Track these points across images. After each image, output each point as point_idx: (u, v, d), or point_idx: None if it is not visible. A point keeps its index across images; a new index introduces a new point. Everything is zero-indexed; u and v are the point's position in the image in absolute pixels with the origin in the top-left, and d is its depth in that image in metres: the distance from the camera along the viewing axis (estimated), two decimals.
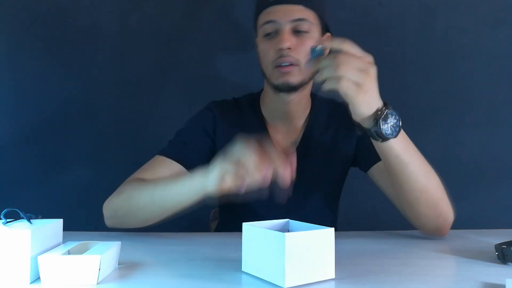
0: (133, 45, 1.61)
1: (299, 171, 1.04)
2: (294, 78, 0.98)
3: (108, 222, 0.94)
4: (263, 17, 0.99)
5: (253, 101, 1.12)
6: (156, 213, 0.88)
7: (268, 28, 0.98)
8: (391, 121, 0.79)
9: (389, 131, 0.79)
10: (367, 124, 0.80)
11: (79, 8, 1.59)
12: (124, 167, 1.61)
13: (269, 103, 1.08)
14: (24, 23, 1.58)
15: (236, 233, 0.68)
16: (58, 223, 0.66)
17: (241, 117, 1.09)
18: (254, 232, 0.62)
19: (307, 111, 1.09)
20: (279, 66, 0.97)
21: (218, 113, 1.08)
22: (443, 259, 0.74)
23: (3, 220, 0.62)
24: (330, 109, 1.11)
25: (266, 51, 0.99)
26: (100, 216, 0.93)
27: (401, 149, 0.83)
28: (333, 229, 0.61)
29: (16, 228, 0.58)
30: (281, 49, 0.95)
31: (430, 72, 1.62)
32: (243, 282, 0.60)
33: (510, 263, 0.69)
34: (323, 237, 0.60)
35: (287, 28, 0.96)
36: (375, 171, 1.03)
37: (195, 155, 1.03)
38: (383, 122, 0.78)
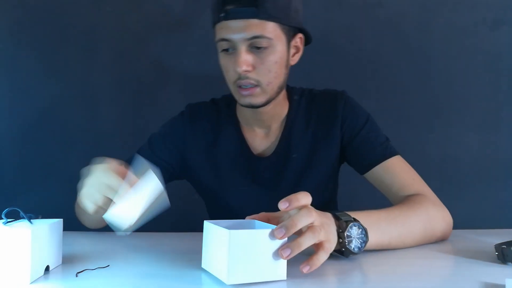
0: (133, 45, 1.61)
1: (280, 176, 1.00)
2: (258, 99, 0.91)
3: (76, 215, 0.96)
4: (218, 32, 0.90)
5: (230, 104, 1.05)
6: (91, 223, 0.91)
7: (224, 45, 0.89)
8: (356, 239, 0.70)
9: (356, 250, 0.69)
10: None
11: (79, 8, 1.59)
12: None
13: (243, 110, 1.01)
14: (24, 23, 1.58)
15: None
16: (58, 223, 0.66)
17: (217, 121, 1.04)
18: (208, 229, 0.63)
19: (285, 111, 1.02)
20: (240, 86, 0.90)
21: (190, 119, 1.04)
22: (443, 259, 0.74)
23: (4, 220, 0.62)
24: (308, 103, 1.03)
25: (225, 68, 0.92)
26: None
27: (377, 243, 0.75)
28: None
29: (16, 228, 0.58)
30: (237, 71, 0.88)
31: (430, 72, 1.62)
32: (202, 280, 0.62)
33: (510, 263, 0.69)
34: (272, 237, 0.59)
35: (242, 48, 0.86)
36: (370, 177, 0.98)
37: (156, 170, 1.02)
38: (351, 246, 0.69)
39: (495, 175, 1.61)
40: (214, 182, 1.03)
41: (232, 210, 1.02)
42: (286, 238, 0.60)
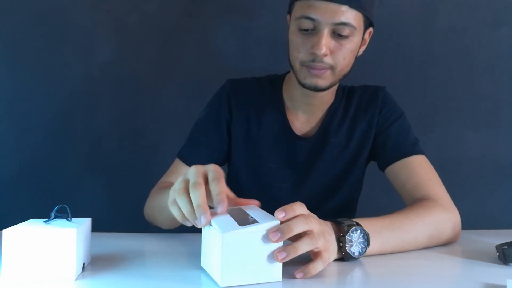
0: (133, 45, 1.60)
1: (315, 161, 1.02)
2: (324, 81, 0.91)
3: (147, 219, 0.99)
4: (301, 8, 0.87)
5: (276, 83, 1.06)
6: (168, 222, 0.87)
7: (305, 24, 0.86)
8: (357, 243, 0.70)
9: (356, 254, 0.70)
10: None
11: (79, 8, 1.59)
12: (124, 167, 1.62)
13: (293, 92, 1.02)
14: (24, 22, 1.58)
15: None
16: (89, 222, 0.68)
17: (259, 97, 1.04)
18: (206, 230, 0.63)
19: (331, 101, 1.04)
20: (309, 66, 0.89)
21: (232, 91, 1.05)
22: (443, 260, 0.74)
23: (45, 219, 0.64)
24: (350, 93, 1.06)
25: (297, 46, 0.89)
26: (100, 215, 0.93)
27: (379, 251, 0.75)
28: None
29: (61, 227, 0.60)
30: (315, 53, 0.86)
31: (430, 72, 1.62)
32: (201, 279, 0.62)
33: (511, 263, 0.69)
34: (267, 239, 0.59)
35: (326, 31, 0.85)
36: (390, 172, 0.99)
37: (209, 154, 1.01)
38: (351, 251, 0.69)
39: (496, 175, 1.61)
40: (248, 158, 1.04)
41: (255, 186, 1.03)
42: (281, 242, 0.60)
